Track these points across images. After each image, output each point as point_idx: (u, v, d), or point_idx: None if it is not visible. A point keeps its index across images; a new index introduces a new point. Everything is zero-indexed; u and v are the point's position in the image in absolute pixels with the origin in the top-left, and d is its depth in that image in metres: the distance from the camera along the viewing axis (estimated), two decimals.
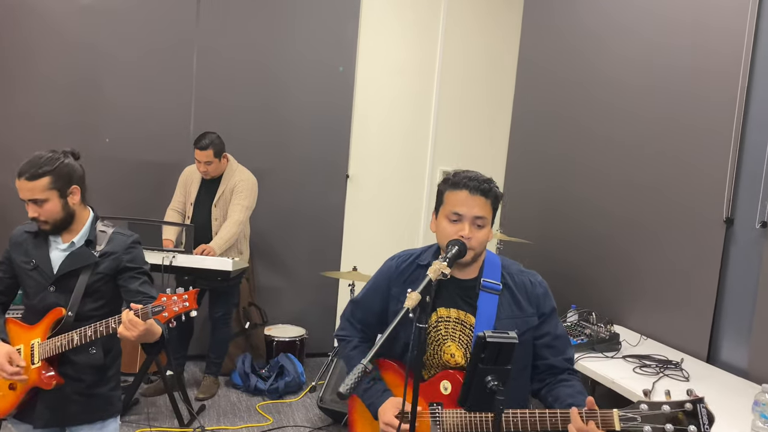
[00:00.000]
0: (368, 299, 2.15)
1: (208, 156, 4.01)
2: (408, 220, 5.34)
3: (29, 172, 2.10)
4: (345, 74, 5.02)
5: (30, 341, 2.16)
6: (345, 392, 1.51)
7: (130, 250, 2.24)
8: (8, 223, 4.26)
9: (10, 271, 2.25)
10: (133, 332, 1.93)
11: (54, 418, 2.19)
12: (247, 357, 4.51)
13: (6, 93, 4.27)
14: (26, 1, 4.24)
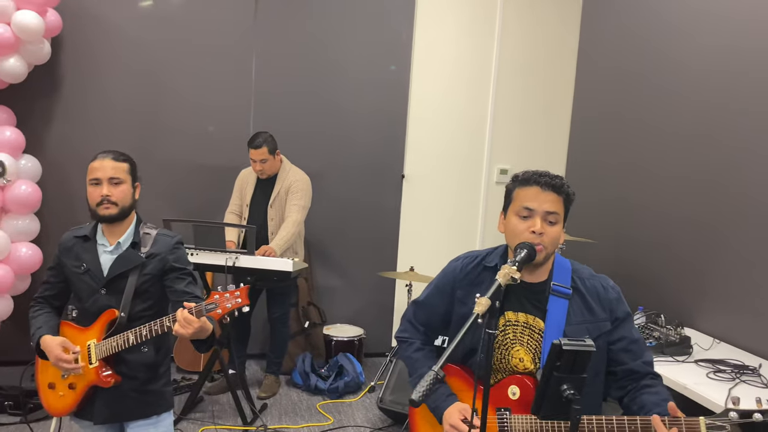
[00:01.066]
0: (431, 301, 2.13)
1: (263, 154, 4.06)
2: (465, 219, 5.29)
3: (114, 154, 2.22)
4: (400, 73, 5.00)
5: (86, 342, 2.23)
6: (417, 399, 1.49)
7: (174, 251, 2.29)
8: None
9: (62, 275, 2.32)
10: (188, 329, 1.98)
11: (112, 415, 2.26)
12: (307, 356, 4.55)
13: (76, 98, 4.43)
14: (90, 10, 4.39)
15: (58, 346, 2.17)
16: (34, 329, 2.27)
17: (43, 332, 2.24)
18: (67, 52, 4.37)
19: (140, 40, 4.51)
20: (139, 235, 2.28)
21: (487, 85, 5.19)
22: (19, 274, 4.02)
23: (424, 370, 2.04)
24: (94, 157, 2.23)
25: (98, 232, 2.28)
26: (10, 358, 4.29)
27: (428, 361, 2.08)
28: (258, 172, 4.17)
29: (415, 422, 2.17)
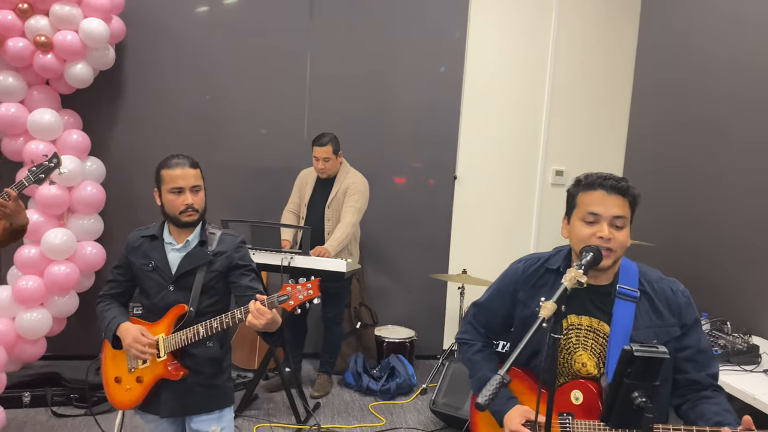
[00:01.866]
0: (492, 303, 2.11)
1: (327, 152, 4.11)
2: (519, 221, 5.22)
3: (190, 161, 2.28)
4: (453, 75, 4.98)
5: (155, 336, 2.29)
6: (484, 403, 1.48)
7: (239, 249, 2.37)
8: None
9: (129, 274, 2.40)
10: (261, 320, 2.04)
11: (178, 408, 2.32)
12: (359, 357, 4.57)
13: (138, 102, 4.58)
14: (152, 17, 4.53)
15: (137, 330, 2.24)
16: (109, 320, 2.33)
17: (121, 320, 2.31)
18: (130, 57, 4.52)
19: (199, 44, 4.63)
20: (205, 234, 2.35)
21: (542, 86, 5.11)
22: (85, 272, 4.17)
23: (484, 372, 2.02)
24: (169, 164, 2.27)
25: (165, 232, 2.36)
26: (75, 352, 4.47)
27: (489, 363, 2.06)
28: (319, 170, 4.21)
29: (476, 424, 2.15)
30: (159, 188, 2.32)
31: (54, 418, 3.76)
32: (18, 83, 3.98)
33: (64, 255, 3.99)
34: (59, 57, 3.96)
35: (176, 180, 2.25)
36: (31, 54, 3.92)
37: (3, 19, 3.84)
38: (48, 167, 2.69)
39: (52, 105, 4.12)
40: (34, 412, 3.82)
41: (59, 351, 4.37)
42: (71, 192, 4.08)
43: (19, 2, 3.88)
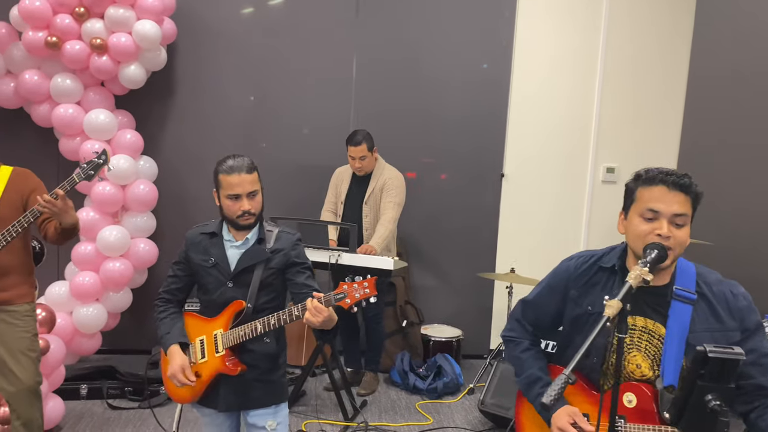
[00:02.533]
0: (542, 300, 2.06)
1: (362, 151, 4.11)
2: (568, 220, 5.11)
3: (247, 167, 2.29)
4: (500, 70, 4.91)
5: (212, 332, 2.33)
6: (549, 403, 1.44)
7: (295, 247, 2.39)
8: (196, 224, 4.68)
9: (188, 269, 2.43)
10: (318, 318, 2.06)
11: (237, 402, 2.35)
12: (405, 355, 4.56)
13: (189, 102, 4.67)
14: (201, 18, 4.61)
15: (180, 367, 2.26)
16: (163, 333, 2.37)
17: (172, 341, 2.33)
18: (180, 58, 4.62)
19: (246, 44, 4.69)
20: (263, 231, 2.37)
21: (592, 80, 4.99)
22: (138, 269, 4.28)
23: (533, 371, 1.98)
24: (226, 170, 2.27)
25: (224, 229, 2.39)
26: (128, 347, 4.59)
27: (536, 361, 2.01)
28: (356, 169, 4.21)
29: (522, 424, 2.10)
30: (217, 190, 2.34)
31: (109, 410, 3.87)
32: (75, 85, 4.11)
33: (118, 252, 4.10)
34: (114, 59, 4.07)
35: (233, 187, 2.27)
36: (87, 56, 4.04)
37: (61, 23, 3.97)
38: (97, 164, 2.77)
39: (106, 105, 4.24)
40: (91, 404, 3.94)
41: (114, 345, 4.50)
42: (125, 190, 4.19)
43: (77, 6, 4.00)
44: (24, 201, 2.84)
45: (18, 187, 2.83)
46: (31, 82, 4.06)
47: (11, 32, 4.10)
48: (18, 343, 2.81)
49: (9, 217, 2.77)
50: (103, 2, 4.01)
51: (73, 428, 3.63)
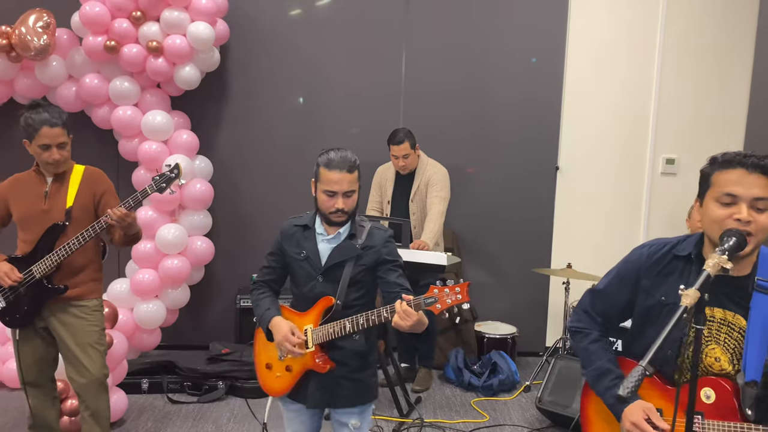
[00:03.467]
0: (612, 290, 1.97)
1: (405, 149, 4.08)
2: (627, 213, 4.96)
3: (348, 165, 2.25)
4: (554, 61, 4.80)
5: (303, 327, 2.31)
6: (626, 395, 1.38)
7: (387, 244, 2.32)
8: (253, 229, 4.77)
9: (282, 261, 2.42)
10: (407, 322, 2.00)
11: (324, 400, 2.32)
12: (459, 352, 4.51)
13: (242, 102, 4.74)
14: (253, 19, 4.66)
15: (289, 329, 2.27)
16: (263, 310, 2.37)
17: (274, 313, 2.34)
18: (233, 58, 4.68)
19: (297, 43, 4.72)
20: (355, 227, 2.34)
21: (650, 68, 4.82)
22: (195, 266, 4.36)
23: (602, 363, 1.91)
24: (328, 164, 2.24)
25: (317, 222, 2.36)
26: (186, 342, 4.68)
27: (606, 353, 1.94)
28: (400, 168, 4.19)
29: (589, 418, 2.03)
30: (315, 182, 2.31)
31: (170, 404, 3.96)
32: (132, 87, 4.22)
33: (176, 249, 4.19)
34: (169, 60, 4.16)
35: (331, 184, 2.24)
36: (144, 59, 4.14)
37: (119, 27, 4.08)
38: (169, 177, 2.84)
39: (163, 107, 4.33)
40: (152, 398, 4.03)
41: (172, 341, 4.59)
42: (182, 189, 4.27)
43: (133, 10, 4.10)
44: (96, 202, 2.92)
45: (90, 188, 2.91)
46: (92, 85, 4.18)
47: (72, 38, 4.24)
48: (87, 337, 2.90)
49: (81, 218, 2.86)
50: (159, 5, 4.10)
51: (135, 421, 3.72)
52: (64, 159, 2.84)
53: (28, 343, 2.92)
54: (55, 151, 2.79)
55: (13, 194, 2.89)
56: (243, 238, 4.77)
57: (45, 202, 2.85)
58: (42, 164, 2.85)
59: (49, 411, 3.06)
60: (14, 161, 3.09)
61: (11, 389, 4.07)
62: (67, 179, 2.90)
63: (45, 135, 2.76)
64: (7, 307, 2.87)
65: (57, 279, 2.84)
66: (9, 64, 4.09)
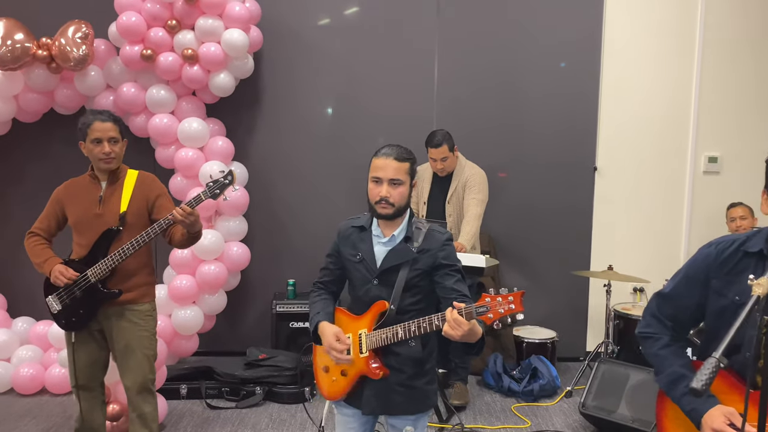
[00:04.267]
0: (680, 292, 1.89)
1: (444, 152, 4.03)
2: (669, 213, 4.83)
3: (397, 152, 2.20)
4: (590, 60, 4.71)
5: (357, 331, 2.26)
6: (700, 388, 1.31)
7: (444, 247, 2.24)
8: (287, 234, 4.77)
9: (339, 262, 2.37)
10: (457, 332, 1.92)
11: (380, 406, 2.26)
12: (498, 357, 4.43)
13: (276, 109, 4.75)
14: (286, 25, 4.68)
15: (333, 335, 2.22)
16: (312, 314, 2.34)
17: (321, 318, 2.30)
18: (267, 65, 4.70)
19: (331, 50, 4.72)
20: (411, 229, 2.27)
21: (689, 64, 4.70)
22: (232, 271, 4.37)
23: (675, 368, 1.82)
24: (378, 152, 2.22)
25: (373, 224, 2.32)
26: (224, 349, 4.69)
27: (679, 358, 1.85)
28: (439, 170, 4.14)
29: (665, 426, 1.94)
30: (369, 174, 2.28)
31: (208, 410, 3.96)
32: (169, 95, 4.26)
33: (213, 255, 4.21)
34: (204, 68, 4.19)
35: (377, 170, 2.20)
36: (179, 67, 4.18)
37: (155, 36, 4.12)
38: (223, 184, 2.85)
39: (198, 114, 4.37)
40: (191, 403, 4.04)
41: (210, 347, 4.61)
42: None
43: (169, 19, 4.15)
44: (150, 206, 2.95)
45: (144, 192, 2.95)
46: (129, 94, 4.24)
47: (110, 48, 4.31)
48: (137, 342, 2.93)
49: (136, 223, 2.89)
50: (194, 14, 4.14)
51: (175, 426, 3.73)
52: (115, 155, 2.87)
53: (84, 346, 2.96)
54: (106, 144, 2.83)
55: (69, 198, 2.94)
56: (278, 243, 4.77)
57: (99, 206, 2.88)
58: (95, 162, 2.89)
59: (97, 415, 3.08)
60: (55, 171, 3.14)
61: (53, 395, 4.12)
62: (121, 184, 2.93)
63: (96, 129, 2.82)
64: (63, 311, 2.92)
65: (111, 283, 2.87)
66: (49, 75, 4.17)
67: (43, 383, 4.14)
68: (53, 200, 2.98)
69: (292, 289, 4.55)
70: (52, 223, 2.97)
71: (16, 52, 3.98)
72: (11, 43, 3.98)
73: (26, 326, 4.36)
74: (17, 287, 4.59)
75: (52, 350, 4.18)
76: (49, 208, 2.98)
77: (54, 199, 2.98)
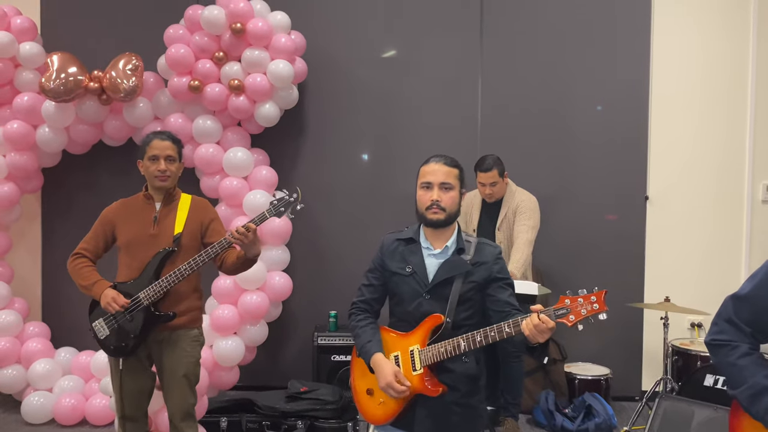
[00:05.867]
0: (761, 293, 1.74)
1: (493, 177, 3.93)
2: (726, 242, 4.61)
3: (446, 159, 2.23)
4: (638, 86, 4.61)
5: (408, 348, 2.17)
6: None
7: (498, 260, 2.23)
8: (330, 266, 4.71)
9: (382, 278, 2.31)
10: (545, 334, 1.92)
11: (435, 427, 2.15)
12: (549, 394, 4.22)
13: (319, 139, 4.76)
14: (330, 57, 4.72)
15: (392, 374, 2.12)
16: (363, 342, 2.24)
17: (376, 349, 2.20)
18: (311, 96, 4.73)
19: (373, 80, 4.74)
20: (462, 241, 2.23)
21: (743, 86, 4.55)
22: (273, 301, 4.30)
23: (758, 379, 1.67)
24: (427, 160, 2.25)
25: (421, 236, 2.27)
26: (264, 383, 4.58)
27: (761, 368, 1.69)
28: (487, 196, 4.04)
29: None
30: (417, 187, 2.28)
31: None
32: (215, 125, 4.30)
33: (255, 284, 4.15)
34: (250, 98, 4.23)
35: (426, 175, 2.20)
36: (225, 98, 4.22)
37: (202, 68, 4.19)
38: (289, 202, 2.81)
39: (243, 144, 4.39)
40: None
41: (250, 381, 4.50)
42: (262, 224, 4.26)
43: (216, 51, 4.22)
44: (203, 230, 2.92)
45: (198, 216, 2.93)
46: (176, 124, 4.29)
47: (158, 81, 4.39)
48: (184, 368, 2.88)
49: (190, 246, 2.86)
50: (240, 45, 4.21)
51: None
52: (171, 174, 2.86)
53: (131, 375, 2.88)
54: (163, 162, 2.83)
55: (121, 218, 2.91)
56: (320, 274, 4.70)
57: (154, 227, 2.85)
58: (150, 180, 2.87)
59: None
60: (101, 203, 3.10)
61: (94, 426, 4.06)
62: (176, 206, 2.91)
63: (155, 146, 2.83)
64: (111, 336, 2.85)
65: (164, 307, 2.82)
66: (99, 106, 4.25)
67: (84, 414, 4.09)
68: (103, 220, 2.94)
69: (334, 321, 4.46)
70: (100, 243, 2.92)
71: (69, 84, 4.08)
72: (65, 76, 4.08)
73: (69, 356, 4.34)
74: (61, 317, 4.60)
75: (94, 381, 4.14)
76: (97, 228, 2.93)
77: (104, 218, 2.94)
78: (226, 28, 4.16)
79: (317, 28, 4.65)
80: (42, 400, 4.10)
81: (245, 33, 4.15)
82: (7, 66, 4.20)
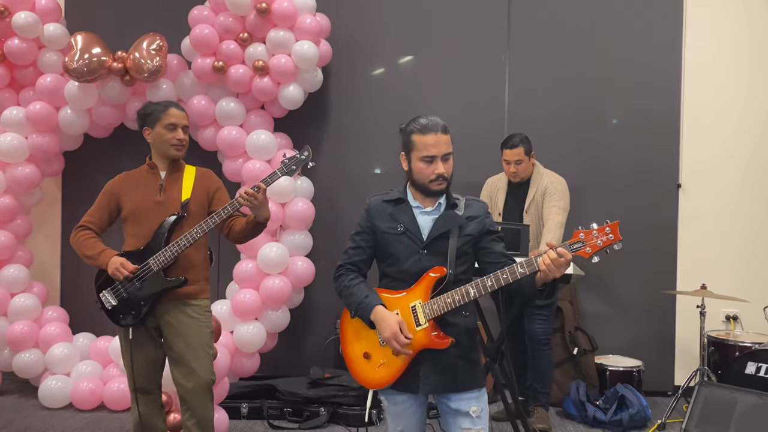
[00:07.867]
0: None
1: (519, 154, 3.80)
2: (761, 230, 4.46)
3: (441, 126, 2.15)
4: (671, 70, 4.50)
5: (408, 304, 2.11)
6: None
7: (488, 215, 2.24)
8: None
9: (371, 240, 2.23)
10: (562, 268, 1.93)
11: (443, 383, 2.09)
12: (580, 384, 4.06)
13: (343, 123, 4.69)
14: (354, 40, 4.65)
15: (398, 323, 2.05)
16: (360, 297, 2.14)
17: (377, 301, 2.12)
18: (334, 80, 4.66)
19: (399, 67, 4.67)
20: (453, 198, 2.22)
21: None
22: (296, 287, 4.20)
23: None
24: (421, 129, 2.13)
25: (409, 195, 2.22)
26: (285, 372, 4.46)
27: None
28: (511, 174, 3.90)
29: None
30: (407, 153, 2.18)
31: (270, 430, 3.73)
32: (238, 108, 4.24)
33: (278, 269, 4.06)
34: (274, 80, 4.17)
35: (428, 148, 2.12)
36: (249, 79, 4.17)
37: (227, 49, 4.14)
38: (300, 160, 2.74)
39: (266, 127, 4.33)
40: (252, 423, 3.82)
41: (271, 369, 4.39)
42: (284, 208, 4.18)
43: (241, 32, 4.17)
44: (209, 198, 2.86)
45: (204, 184, 2.87)
46: (199, 106, 4.23)
47: (181, 63, 4.35)
48: (199, 339, 2.77)
49: (197, 213, 2.80)
50: (265, 26, 4.15)
51: None
52: (185, 145, 2.82)
53: (141, 346, 2.79)
54: (181, 131, 2.78)
55: (126, 188, 2.84)
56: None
57: (160, 194, 2.79)
58: (165, 147, 2.80)
59: (158, 419, 2.89)
60: None
61: (111, 411, 3.97)
62: (181, 175, 2.86)
63: (173, 114, 2.79)
64: (119, 306, 2.75)
65: (173, 273, 2.73)
66: (123, 87, 4.21)
67: (102, 398, 4.00)
68: (106, 193, 2.86)
69: None
70: (104, 216, 2.84)
71: (92, 64, 4.05)
72: (88, 56, 4.05)
73: (87, 341, 4.26)
74: (80, 302, 4.53)
75: (112, 365, 4.05)
76: (101, 200, 2.85)
77: (107, 191, 2.86)
78: (251, 8, 4.11)
79: (342, 10, 4.59)
80: (60, 384, 4.02)
81: (270, 13, 4.09)
82: (31, 47, 4.19)
